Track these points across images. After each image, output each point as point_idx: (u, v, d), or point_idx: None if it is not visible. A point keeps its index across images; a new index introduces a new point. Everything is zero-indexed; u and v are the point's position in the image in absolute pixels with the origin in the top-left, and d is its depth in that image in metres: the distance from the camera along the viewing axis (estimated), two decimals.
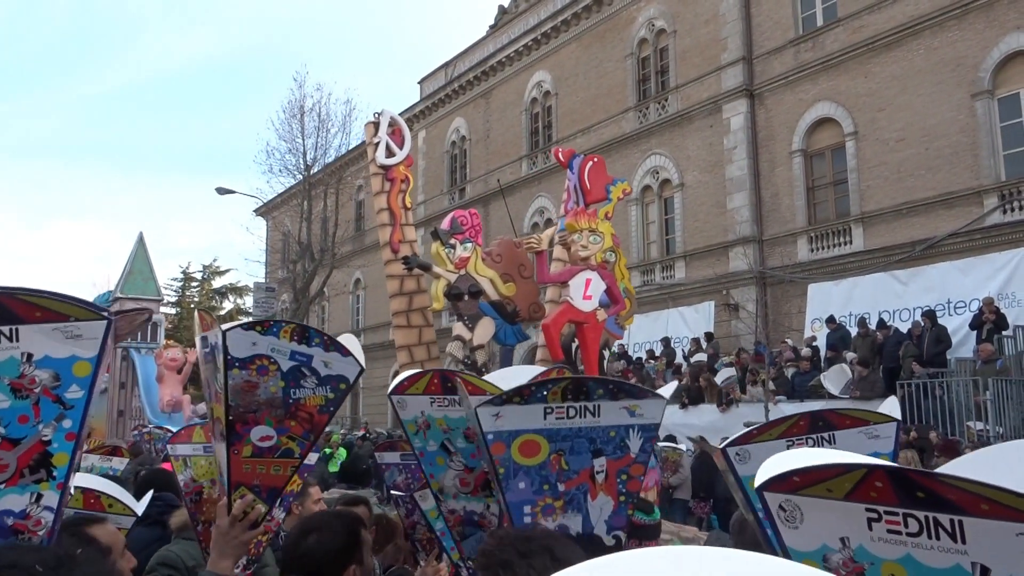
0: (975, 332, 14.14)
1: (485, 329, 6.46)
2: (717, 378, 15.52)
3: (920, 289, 16.34)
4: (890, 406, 2.50)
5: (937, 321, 14.34)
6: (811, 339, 16.41)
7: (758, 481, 1.32)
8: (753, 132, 20.73)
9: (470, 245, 6.60)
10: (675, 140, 22.72)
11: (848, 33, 18.81)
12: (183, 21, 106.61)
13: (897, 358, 13.95)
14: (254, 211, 34.58)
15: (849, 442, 2.25)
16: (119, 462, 6.64)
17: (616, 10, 24.98)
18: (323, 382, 2.40)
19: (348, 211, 32.56)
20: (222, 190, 26.46)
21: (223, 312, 43.92)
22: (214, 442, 2.55)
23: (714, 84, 21.69)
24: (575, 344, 6.03)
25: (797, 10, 20.13)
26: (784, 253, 19.46)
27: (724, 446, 2.35)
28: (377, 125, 7.59)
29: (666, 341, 19.63)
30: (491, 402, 2.16)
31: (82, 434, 1.92)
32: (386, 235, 7.52)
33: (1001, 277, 15.30)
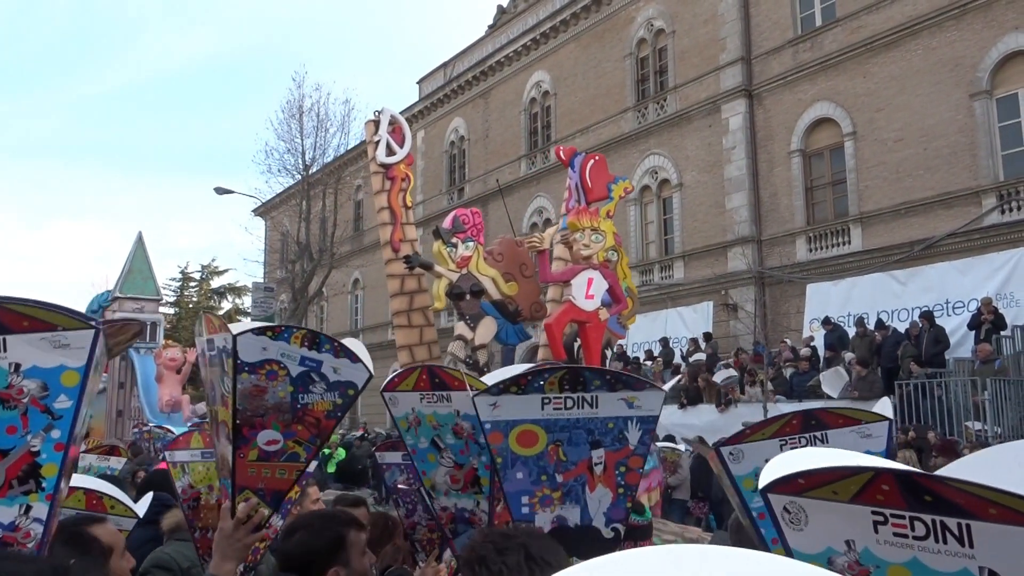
0: (973, 332, 14.16)
1: (487, 329, 6.41)
2: (716, 378, 15.51)
3: (919, 289, 16.34)
4: (882, 406, 2.50)
5: (935, 321, 14.35)
6: (809, 339, 16.42)
7: (762, 482, 1.31)
8: (752, 132, 20.74)
9: (472, 244, 6.56)
10: (674, 140, 22.73)
11: (847, 33, 18.82)
12: (183, 21, 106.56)
13: (896, 358, 13.95)
14: (253, 211, 34.54)
15: (842, 441, 2.25)
16: (117, 461, 6.65)
17: (615, 10, 24.98)
18: (332, 387, 2.42)
19: (347, 211, 32.50)
20: (221, 190, 26.44)
21: (221, 312, 43.85)
22: (216, 444, 2.54)
23: (713, 84, 21.70)
24: (577, 344, 6.00)
25: (796, 10, 20.14)
26: (783, 253, 19.47)
27: (718, 446, 2.36)
28: (377, 123, 7.52)
29: (664, 341, 19.64)
30: (489, 391, 2.16)
31: (71, 445, 1.90)
32: (387, 234, 7.46)
33: (999, 277, 15.31)
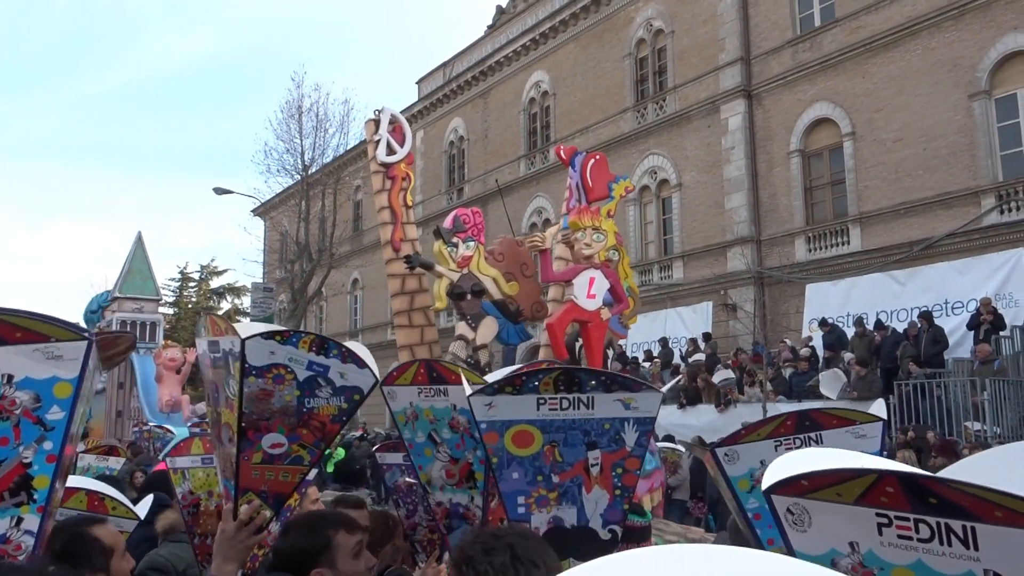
0: (972, 332, 14.16)
1: (488, 328, 6.37)
2: (714, 379, 15.50)
3: (918, 289, 16.35)
4: (877, 407, 2.51)
5: (934, 322, 14.34)
6: (807, 339, 16.41)
7: (765, 484, 1.32)
8: (751, 132, 20.74)
9: (473, 244, 6.51)
10: (673, 140, 22.73)
11: (846, 34, 18.83)
12: (183, 21, 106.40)
13: (895, 358, 13.94)
14: (252, 211, 34.51)
15: (836, 441, 2.25)
16: (115, 462, 6.65)
17: (614, 10, 24.98)
18: (338, 392, 2.43)
19: (346, 211, 32.48)
20: (220, 190, 26.43)
21: (220, 312, 43.82)
22: (218, 446, 2.54)
23: (712, 84, 21.71)
24: (579, 343, 5.96)
25: (795, 10, 20.14)
26: (782, 253, 19.47)
27: (713, 447, 2.36)
28: (378, 122, 7.46)
29: (664, 341, 19.62)
30: (484, 391, 2.15)
31: (63, 457, 1.89)
32: (387, 234, 7.40)
33: (998, 277, 15.31)
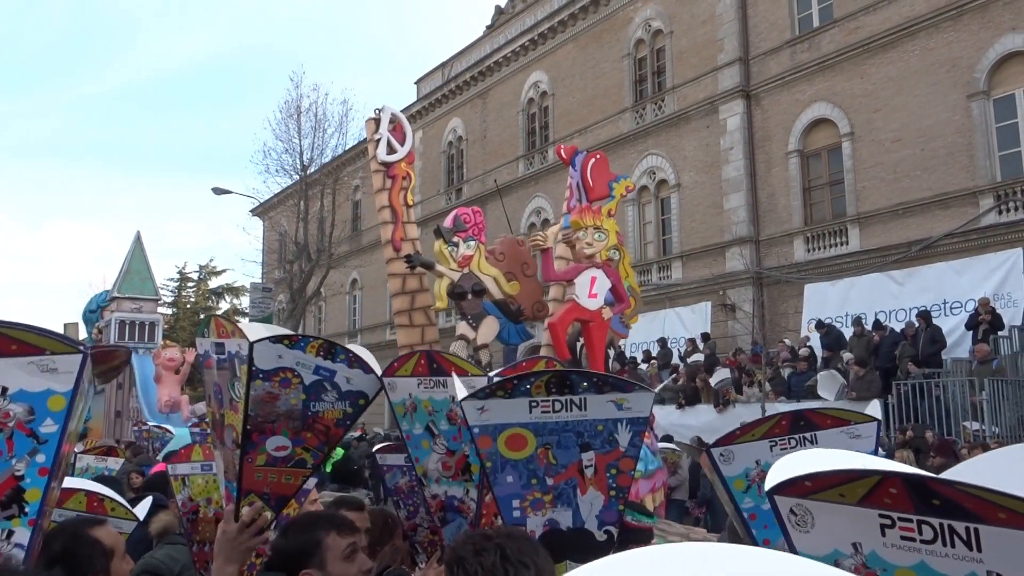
0: (971, 332, 14.18)
1: (489, 328, 6.36)
2: (712, 379, 15.51)
3: (916, 289, 16.37)
4: (872, 408, 2.53)
5: (932, 321, 14.35)
6: (804, 339, 16.42)
7: (768, 484, 1.32)
8: (749, 133, 20.76)
9: (473, 243, 6.48)
10: (672, 141, 22.75)
11: (844, 34, 18.85)
12: (183, 21, 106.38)
13: (893, 358, 13.96)
14: (251, 211, 34.48)
15: (831, 441, 2.26)
16: (114, 462, 6.65)
17: (613, 11, 25.00)
18: (343, 397, 2.47)
19: (345, 211, 32.47)
20: (218, 190, 26.41)
21: (219, 312, 43.78)
22: (219, 448, 2.55)
23: (710, 85, 21.73)
24: (580, 343, 5.95)
25: (793, 11, 20.16)
26: (780, 253, 19.49)
27: (709, 447, 2.37)
28: (378, 121, 7.43)
29: (662, 341, 19.64)
30: (476, 395, 2.15)
31: (55, 469, 1.89)
32: (388, 233, 7.35)
33: (997, 277, 15.33)
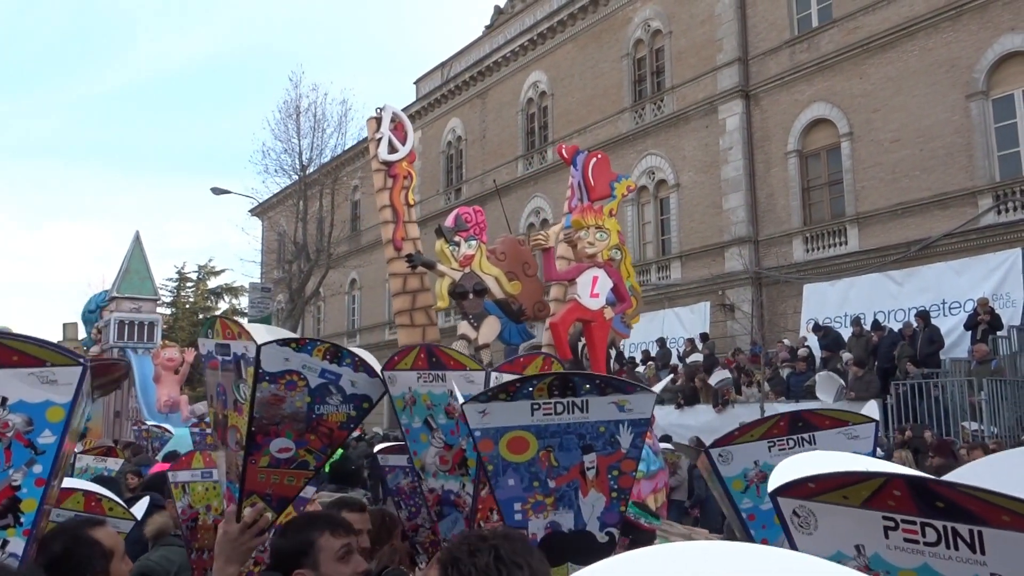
0: (970, 332, 14.20)
1: (491, 328, 6.37)
2: (711, 380, 15.51)
3: (915, 289, 16.39)
4: (869, 408, 2.53)
5: (930, 322, 14.36)
6: (802, 340, 16.43)
7: (772, 486, 1.32)
8: (749, 133, 20.78)
9: (475, 242, 6.50)
10: (671, 141, 22.77)
11: (843, 34, 18.87)
12: (183, 21, 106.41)
13: (892, 358, 13.98)
14: (249, 211, 34.47)
15: (829, 442, 2.27)
16: (114, 463, 6.65)
17: (612, 11, 25.01)
18: (347, 400, 2.49)
19: (344, 211, 32.50)
20: (217, 190, 26.38)
21: (218, 312, 43.75)
22: (221, 448, 2.56)
23: (710, 85, 21.75)
24: (581, 343, 5.96)
25: (792, 11, 20.19)
26: (779, 254, 19.51)
27: (707, 447, 2.38)
28: (379, 120, 7.44)
29: (661, 341, 19.65)
30: (477, 399, 2.15)
31: (52, 480, 1.90)
32: (388, 232, 7.36)
33: (995, 277, 15.36)
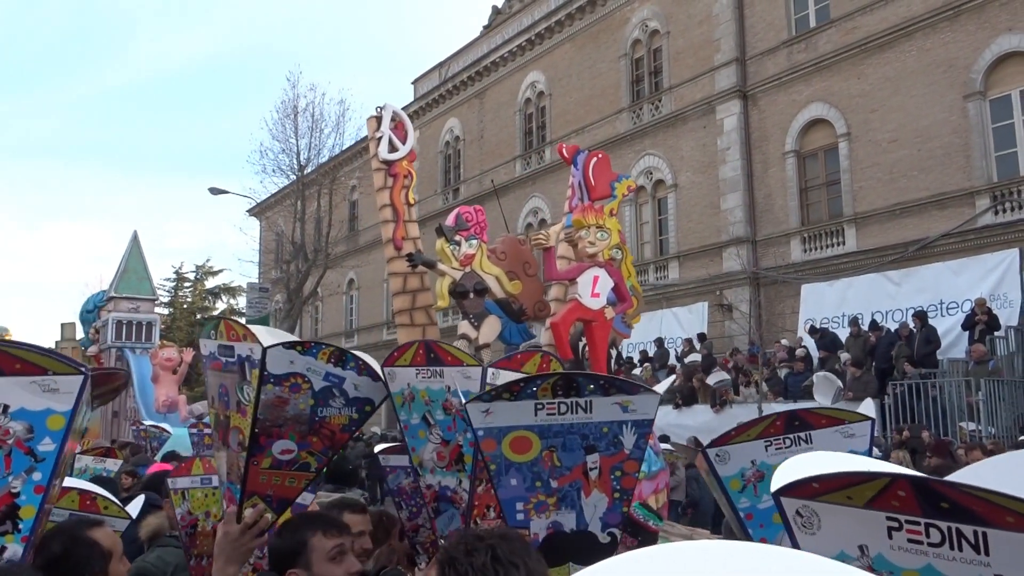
0: (967, 333, 14.23)
1: (491, 328, 6.36)
2: (709, 380, 15.54)
3: (913, 290, 16.43)
4: (865, 407, 2.54)
5: (928, 322, 14.38)
6: (798, 341, 16.43)
7: (775, 485, 1.32)
8: (746, 133, 20.80)
9: (475, 242, 6.48)
10: (669, 141, 22.79)
11: (841, 34, 18.90)
12: (183, 21, 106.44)
13: (890, 359, 14.00)
14: (247, 211, 34.44)
15: (825, 441, 2.27)
16: (113, 463, 6.64)
17: (610, 11, 25.03)
18: (350, 403, 2.51)
19: (342, 211, 32.47)
20: (215, 190, 26.36)
21: (215, 312, 43.70)
22: (221, 449, 2.56)
23: (707, 85, 21.76)
24: (582, 343, 5.95)
25: (790, 11, 20.21)
26: (777, 254, 19.53)
27: (704, 447, 2.39)
28: (379, 119, 7.41)
29: (659, 342, 19.66)
30: (480, 398, 2.16)
31: (51, 489, 1.92)
32: (389, 232, 7.34)
33: (993, 278, 15.39)
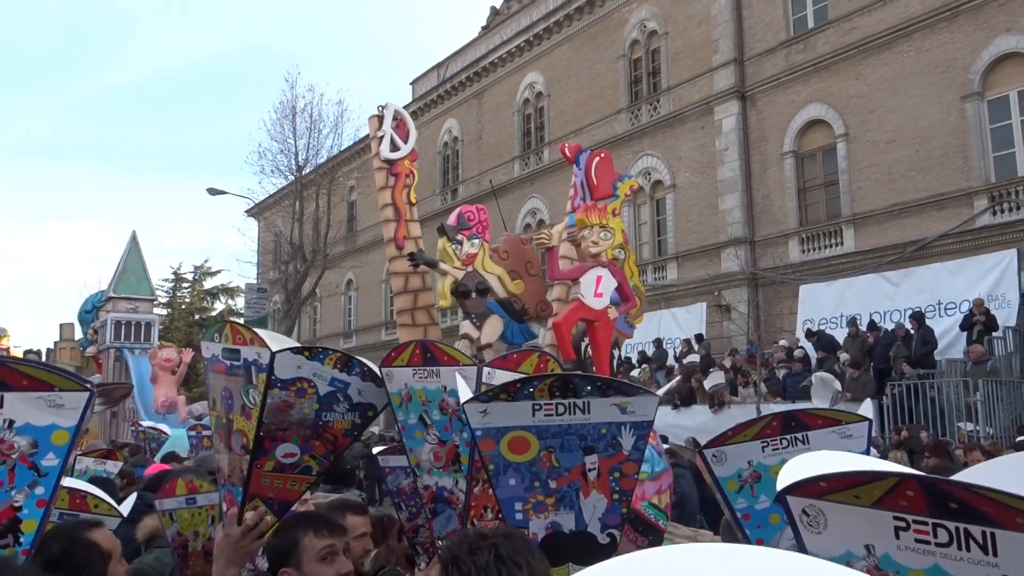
0: (965, 333, 14.25)
1: (493, 327, 6.34)
2: (706, 382, 15.55)
3: (911, 290, 16.44)
4: (864, 407, 2.55)
5: (924, 322, 14.38)
6: (796, 342, 16.43)
7: (781, 485, 1.32)
8: (745, 134, 20.82)
9: (477, 241, 6.46)
10: (667, 141, 22.81)
11: (839, 35, 18.93)
12: (182, 21, 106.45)
13: (888, 359, 14.01)
14: (246, 212, 34.45)
15: (822, 442, 2.28)
16: (113, 465, 6.64)
17: (608, 12, 25.05)
18: (353, 408, 2.53)
19: (340, 212, 32.45)
20: (213, 191, 26.34)
21: (214, 313, 43.66)
22: (222, 451, 2.57)
23: (706, 86, 21.78)
24: (585, 343, 5.94)
25: (788, 12, 20.24)
26: (776, 254, 19.55)
27: (702, 448, 2.40)
28: (381, 118, 7.38)
29: (658, 342, 19.65)
30: (478, 398, 2.16)
31: (52, 502, 1.95)
32: (390, 231, 7.30)
33: (991, 278, 15.42)
